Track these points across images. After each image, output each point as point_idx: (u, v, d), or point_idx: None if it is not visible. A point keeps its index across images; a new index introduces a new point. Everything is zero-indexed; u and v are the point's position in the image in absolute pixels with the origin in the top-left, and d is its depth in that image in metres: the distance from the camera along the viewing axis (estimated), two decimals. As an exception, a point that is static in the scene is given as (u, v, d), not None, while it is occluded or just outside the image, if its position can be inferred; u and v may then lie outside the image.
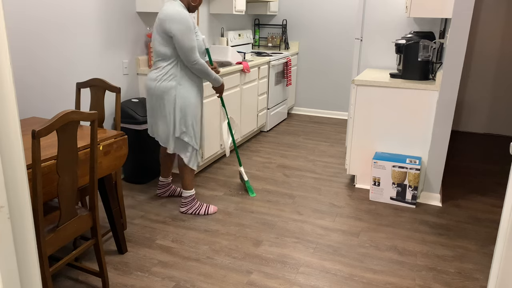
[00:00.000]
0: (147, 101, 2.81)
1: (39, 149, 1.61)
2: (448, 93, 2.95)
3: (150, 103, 2.79)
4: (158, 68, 2.70)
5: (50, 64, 2.76)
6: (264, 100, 4.80)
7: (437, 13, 3.06)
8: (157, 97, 2.72)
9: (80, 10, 2.91)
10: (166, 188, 3.18)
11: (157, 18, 2.66)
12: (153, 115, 2.81)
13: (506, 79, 4.99)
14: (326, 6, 5.44)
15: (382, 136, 3.30)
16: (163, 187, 3.18)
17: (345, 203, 3.18)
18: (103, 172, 2.18)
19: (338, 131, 5.07)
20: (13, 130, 1.10)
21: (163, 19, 2.59)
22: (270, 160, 4.04)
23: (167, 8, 2.62)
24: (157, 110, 2.76)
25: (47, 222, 1.90)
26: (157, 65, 2.71)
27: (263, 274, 2.30)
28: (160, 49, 2.66)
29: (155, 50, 2.70)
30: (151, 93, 2.74)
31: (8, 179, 1.11)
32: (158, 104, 2.73)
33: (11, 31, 2.48)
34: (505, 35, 4.87)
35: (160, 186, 3.18)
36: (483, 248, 2.62)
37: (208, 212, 2.95)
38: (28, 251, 1.20)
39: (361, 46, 3.93)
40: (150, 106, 2.80)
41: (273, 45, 5.72)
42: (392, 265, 2.41)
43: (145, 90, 2.81)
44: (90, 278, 2.25)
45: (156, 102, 2.73)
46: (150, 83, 2.73)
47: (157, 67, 2.71)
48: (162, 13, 2.62)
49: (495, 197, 3.36)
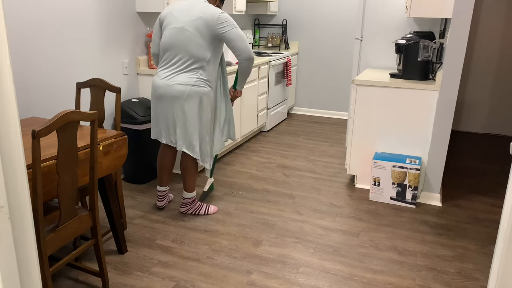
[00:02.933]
0: (166, 106, 2.63)
1: (39, 149, 1.61)
2: (448, 93, 2.95)
3: (172, 107, 2.61)
4: (192, 71, 2.58)
5: (50, 64, 2.76)
6: (264, 100, 4.80)
7: (437, 13, 3.06)
8: (189, 101, 2.58)
9: (80, 10, 2.91)
10: (166, 198, 3.01)
11: (194, 18, 2.53)
12: (173, 120, 2.64)
13: (506, 79, 4.99)
14: (326, 6, 5.44)
15: (382, 136, 3.30)
16: (163, 197, 2.98)
17: (345, 203, 3.18)
18: (103, 172, 2.18)
19: (338, 131, 5.07)
20: (13, 130, 1.10)
21: (210, 18, 2.49)
22: (270, 160, 4.04)
23: (206, 7, 2.53)
24: (182, 115, 2.61)
25: (47, 222, 1.90)
26: (189, 68, 2.58)
27: (263, 274, 2.30)
28: (198, 52, 2.54)
29: (189, 53, 2.55)
30: (180, 96, 2.57)
31: (8, 179, 1.11)
32: (190, 108, 2.59)
33: (11, 31, 2.48)
34: (505, 35, 4.87)
35: (161, 198, 2.97)
36: (483, 248, 2.62)
37: (208, 212, 2.94)
38: (28, 251, 1.20)
39: (361, 46, 3.93)
40: (173, 111, 2.62)
41: (273, 45, 5.72)
42: (392, 265, 2.41)
43: (162, 94, 2.61)
44: (90, 278, 2.25)
45: (188, 106, 2.59)
46: (180, 88, 2.57)
47: (189, 70, 2.58)
48: (204, 11, 2.52)
49: (495, 197, 3.36)
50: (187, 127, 2.64)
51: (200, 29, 2.53)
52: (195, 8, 2.57)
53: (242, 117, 4.26)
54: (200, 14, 2.53)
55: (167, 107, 2.64)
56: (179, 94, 2.58)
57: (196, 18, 2.54)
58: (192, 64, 2.58)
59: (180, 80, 2.58)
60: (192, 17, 2.55)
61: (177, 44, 2.57)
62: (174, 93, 2.58)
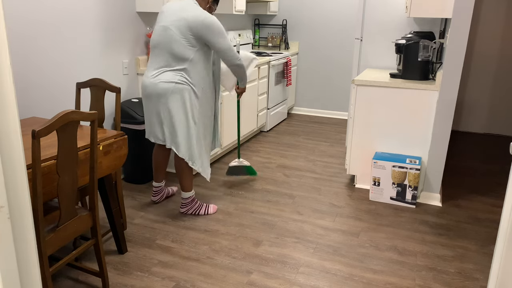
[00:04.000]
0: (153, 104, 2.64)
1: (39, 149, 1.61)
2: (448, 93, 2.95)
3: (158, 105, 2.63)
4: (176, 71, 2.59)
5: (50, 64, 2.76)
6: (264, 100, 4.80)
7: (437, 13, 3.06)
8: (173, 99, 2.59)
9: (80, 10, 2.91)
10: (161, 193, 3.11)
11: (178, 18, 2.54)
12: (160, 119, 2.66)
13: (506, 79, 4.99)
14: (326, 6, 5.44)
15: (382, 136, 3.30)
16: (158, 193, 3.08)
17: (345, 203, 3.18)
18: (103, 172, 2.18)
19: (338, 131, 5.07)
20: (13, 130, 1.10)
21: (193, 21, 2.51)
22: (270, 160, 4.04)
23: (193, 9, 2.55)
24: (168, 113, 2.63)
25: (47, 222, 1.90)
26: (173, 67, 2.59)
27: (263, 274, 2.30)
28: (180, 51, 2.56)
29: (172, 52, 2.56)
30: (164, 94, 2.59)
31: (8, 179, 1.11)
32: (174, 105, 2.61)
33: (11, 31, 2.48)
34: (505, 35, 4.87)
35: (156, 193, 3.07)
36: (483, 248, 2.62)
37: (208, 212, 2.94)
38: (28, 251, 1.20)
39: (361, 46, 3.93)
40: (159, 109, 2.64)
41: (273, 45, 5.72)
42: (392, 265, 2.41)
43: (149, 93, 2.63)
44: (90, 278, 2.25)
45: (172, 103, 2.60)
46: (164, 85, 2.58)
47: (173, 69, 2.59)
48: (188, 14, 2.53)
49: (495, 197, 3.36)
50: (173, 125, 2.65)
51: (182, 30, 2.54)
52: (182, 9, 2.58)
53: (242, 117, 4.26)
54: (184, 15, 2.54)
55: (153, 106, 2.67)
56: (163, 91, 2.60)
57: (179, 19, 2.55)
58: (176, 63, 2.60)
59: (165, 78, 2.60)
60: (177, 17, 2.56)
61: (161, 42, 2.60)
62: (159, 90, 2.60)
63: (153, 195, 3.10)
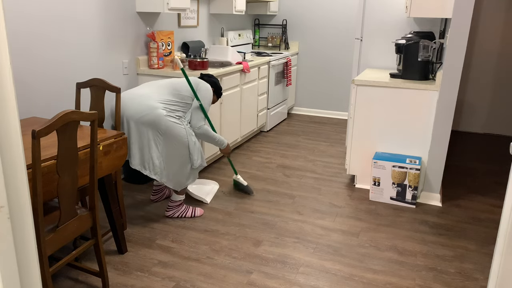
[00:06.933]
0: (166, 141, 2.67)
1: (39, 149, 1.61)
2: (448, 93, 2.95)
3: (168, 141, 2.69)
4: (175, 105, 2.75)
5: (50, 64, 2.76)
6: (264, 100, 4.80)
7: (437, 13, 3.06)
8: (172, 134, 2.68)
9: (80, 10, 2.91)
10: (161, 193, 3.13)
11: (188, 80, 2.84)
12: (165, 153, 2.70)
13: (506, 79, 4.99)
14: (326, 6, 5.44)
15: (382, 136, 3.30)
16: (158, 192, 3.12)
17: (345, 203, 3.18)
18: (103, 172, 2.18)
19: (338, 131, 5.07)
20: (13, 130, 1.10)
21: (196, 83, 2.85)
22: (270, 160, 4.04)
23: (201, 81, 2.90)
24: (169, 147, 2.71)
25: (47, 222, 1.90)
26: (174, 101, 2.75)
27: (263, 274, 2.30)
28: (184, 95, 2.80)
29: (179, 93, 2.77)
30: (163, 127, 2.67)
31: (8, 179, 1.11)
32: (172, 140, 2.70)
33: (11, 31, 2.48)
34: (505, 35, 4.87)
35: (155, 192, 3.12)
36: (483, 248, 2.62)
37: (195, 215, 2.91)
38: (28, 251, 1.20)
39: (361, 46, 3.93)
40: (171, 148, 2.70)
41: (273, 45, 5.72)
42: (392, 265, 2.41)
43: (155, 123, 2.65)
44: (90, 278, 2.25)
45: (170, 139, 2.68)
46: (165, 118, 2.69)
47: (174, 103, 2.75)
48: (196, 81, 2.87)
49: (495, 197, 3.36)
50: (172, 162, 2.77)
51: (182, 84, 2.84)
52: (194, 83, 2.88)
53: (242, 117, 4.26)
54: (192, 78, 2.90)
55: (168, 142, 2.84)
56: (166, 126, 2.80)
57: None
58: (175, 98, 2.83)
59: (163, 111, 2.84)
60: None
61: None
62: (163, 124, 2.81)
63: (152, 194, 3.13)
